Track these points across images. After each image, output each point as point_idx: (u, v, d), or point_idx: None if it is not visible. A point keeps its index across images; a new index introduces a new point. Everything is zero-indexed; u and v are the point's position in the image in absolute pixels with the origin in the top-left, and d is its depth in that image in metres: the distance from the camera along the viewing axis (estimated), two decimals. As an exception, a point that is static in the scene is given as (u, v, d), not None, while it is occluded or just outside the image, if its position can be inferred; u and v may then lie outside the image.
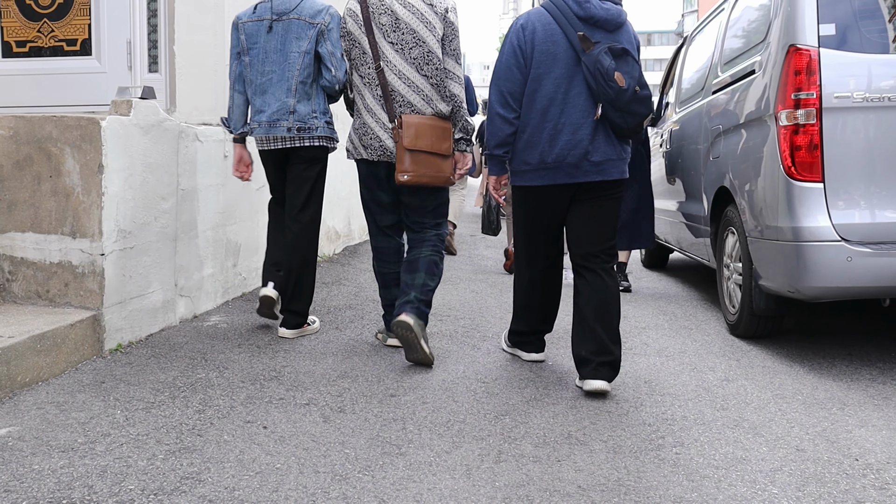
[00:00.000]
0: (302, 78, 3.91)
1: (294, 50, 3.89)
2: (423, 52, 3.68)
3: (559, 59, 3.40)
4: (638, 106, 3.37)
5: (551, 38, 3.41)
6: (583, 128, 3.40)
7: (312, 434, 2.87)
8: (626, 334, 4.65)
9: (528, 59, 3.44)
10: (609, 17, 3.41)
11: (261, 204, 5.22)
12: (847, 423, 3.22)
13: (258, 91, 3.97)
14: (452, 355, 4.00)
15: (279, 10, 3.93)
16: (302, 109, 3.91)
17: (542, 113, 3.44)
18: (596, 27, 3.41)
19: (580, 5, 3.40)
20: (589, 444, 2.90)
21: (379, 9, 3.69)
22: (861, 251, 3.77)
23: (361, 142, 3.78)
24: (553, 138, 3.42)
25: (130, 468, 2.52)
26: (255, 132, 4.00)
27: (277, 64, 3.91)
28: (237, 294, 4.92)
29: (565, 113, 3.41)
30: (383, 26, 3.69)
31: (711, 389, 3.61)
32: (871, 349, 4.37)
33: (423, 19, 3.68)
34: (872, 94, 3.80)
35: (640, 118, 3.41)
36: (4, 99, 4.89)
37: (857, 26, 3.89)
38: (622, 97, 3.32)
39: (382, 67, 3.68)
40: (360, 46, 3.73)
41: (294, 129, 3.91)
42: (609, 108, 3.36)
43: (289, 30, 3.90)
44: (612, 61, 3.31)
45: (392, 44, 3.68)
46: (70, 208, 3.62)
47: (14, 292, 3.73)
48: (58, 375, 3.34)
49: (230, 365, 3.63)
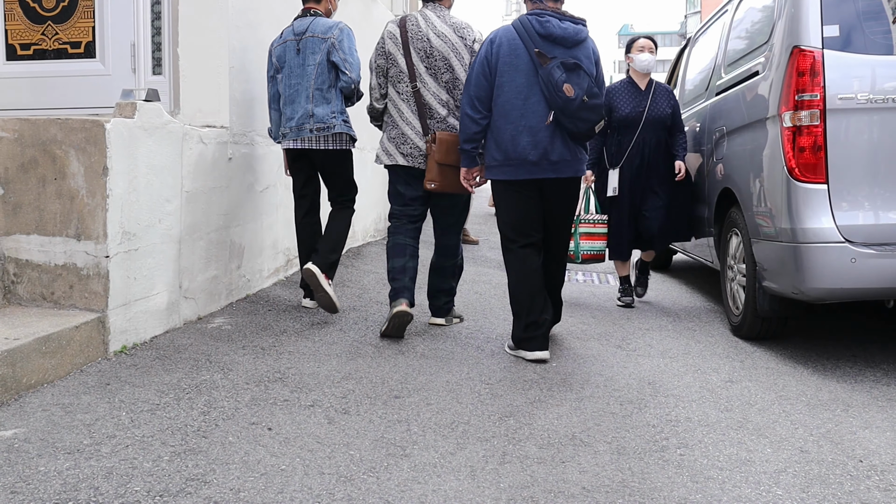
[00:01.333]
0: (318, 85, 4.41)
1: (310, 63, 4.42)
2: (451, 77, 4.27)
3: (520, 71, 3.89)
4: (587, 113, 3.82)
5: (514, 52, 3.90)
6: (542, 131, 3.88)
7: (317, 435, 2.88)
8: (629, 336, 4.66)
9: (494, 69, 3.92)
10: (566, 35, 3.88)
11: (264, 206, 5.23)
12: (851, 424, 3.22)
13: (287, 102, 4.52)
14: (456, 357, 4.00)
15: (298, 31, 4.51)
16: (320, 112, 4.41)
17: (505, 116, 3.92)
18: (555, 43, 3.87)
19: (541, 24, 3.87)
20: (593, 446, 2.90)
21: (416, 35, 4.26)
22: (865, 252, 3.77)
23: (399, 150, 4.32)
24: (514, 139, 3.91)
25: (136, 470, 2.53)
26: (286, 137, 4.53)
27: (299, 77, 4.46)
28: (241, 296, 4.93)
29: (525, 117, 3.89)
30: (420, 51, 4.26)
31: (715, 391, 3.61)
32: (875, 350, 4.37)
33: (453, 49, 4.26)
34: (876, 96, 3.80)
35: (589, 124, 3.86)
36: (8, 101, 4.90)
37: (860, 28, 3.89)
38: (570, 105, 3.79)
39: (418, 87, 4.27)
40: (398, 66, 4.30)
41: (315, 130, 4.41)
42: (560, 114, 3.84)
43: (307, 46, 4.45)
44: (562, 74, 3.78)
45: (427, 67, 4.26)
46: (75, 210, 3.63)
47: (19, 294, 3.74)
48: (63, 377, 3.34)
49: (234, 367, 3.63)
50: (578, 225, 5.40)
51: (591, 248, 5.45)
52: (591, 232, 5.44)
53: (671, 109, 5.44)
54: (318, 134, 4.41)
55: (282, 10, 5.46)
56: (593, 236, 5.45)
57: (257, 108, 5.09)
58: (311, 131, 4.40)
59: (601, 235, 5.47)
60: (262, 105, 5.16)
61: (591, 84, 3.83)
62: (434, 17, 4.31)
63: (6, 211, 3.72)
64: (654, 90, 5.45)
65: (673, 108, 5.45)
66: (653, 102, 5.40)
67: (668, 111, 5.42)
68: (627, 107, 5.39)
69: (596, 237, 5.47)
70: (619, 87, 5.53)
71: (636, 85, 5.48)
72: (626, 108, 5.39)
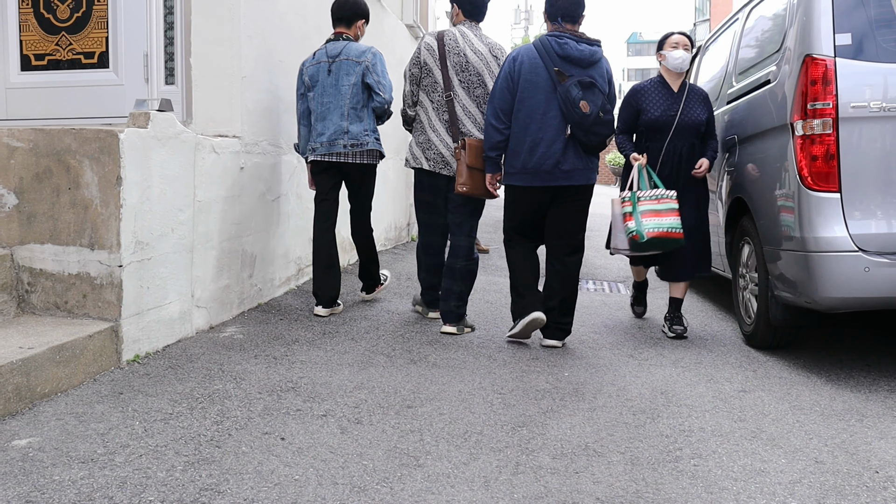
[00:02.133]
0: (352, 104, 4.76)
1: (345, 84, 4.76)
2: (483, 92, 4.61)
3: (539, 87, 4.24)
4: (600, 128, 4.21)
5: (535, 70, 4.25)
6: (556, 143, 4.24)
7: (330, 445, 2.88)
8: (641, 345, 4.64)
9: (516, 84, 4.28)
10: (582, 56, 4.25)
11: (276, 215, 5.25)
12: (866, 434, 3.20)
13: (319, 118, 4.81)
14: (468, 366, 4.00)
15: (332, 54, 4.83)
16: (354, 129, 4.76)
17: (524, 128, 4.27)
18: (572, 64, 4.24)
19: (560, 46, 4.24)
20: (606, 456, 2.89)
21: (454, 49, 4.58)
22: (879, 261, 3.75)
23: (424, 155, 4.67)
24: (532, 149, 4.26)
25: (150, 479, 2.53)
26: (316, 150, 4.80)
27: (332, 96, 4.77)
28: (253, 305, 4.94)
29: (542, 130, 4.24)
30: (456, 65, 4.58)
31: (728, 400, 3.60)
32: (889, 360, 4.34)
33: (487, 66, 4.61)
34: (889, 104, 3.79)
35: (601, 137, 4.26)
36: (23, 111, 4.93)
37: (873, 36, 3.88)
38: (586, 120, 4.17)
39: (451, 98, 4.58)
40: (433, 76, 4.61)
41: (349, 146, 4.76)
42: (576, 128, 4.20)
43: (340, 68, 4.78)
44: (579, 92, 4.17)
45: (461, 81, 4.59)
46: (88, 220, 3.65)
47: (33, 303, 3.76)
48: (76, 386, 3.36)
49: (247, 376, 3.64)
50: (637, 203, 4.60)
51: (657, 226, 4.54)
52: (655, 209, 4.59)
53: (706, 115, 4.84)
54: (353, 150, 4.77)
55: (293, 20, 5.49)
56: (659, 213, 4.58)
57: (269, 117, 5.12)
58: (344, 146, 4.75)
59: (670, 211, 4.59)
60: (274, 114, 5.19)
61: (605, 101, 4.23)
62: (471, 35, 4.64)
63: (21, 220, 3.74)
64: (687, 92, 4.84)
65: (708, 114, 4.86)
66: (686, 106, 4.80)
67: (703, 116, 4.81)
68: (657, 109, 4.78)
69: (663, 213, 4.57)
70: (649, 88, 4.90)
71: (668, 86, 4.87)
72: (655, 110, 4.78)
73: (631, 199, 4.62)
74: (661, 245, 4.61)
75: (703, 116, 4.82)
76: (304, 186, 5.73)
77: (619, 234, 4.72)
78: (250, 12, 4.78)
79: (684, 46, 4.86)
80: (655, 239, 4.56)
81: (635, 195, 4.62)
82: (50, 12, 4.89)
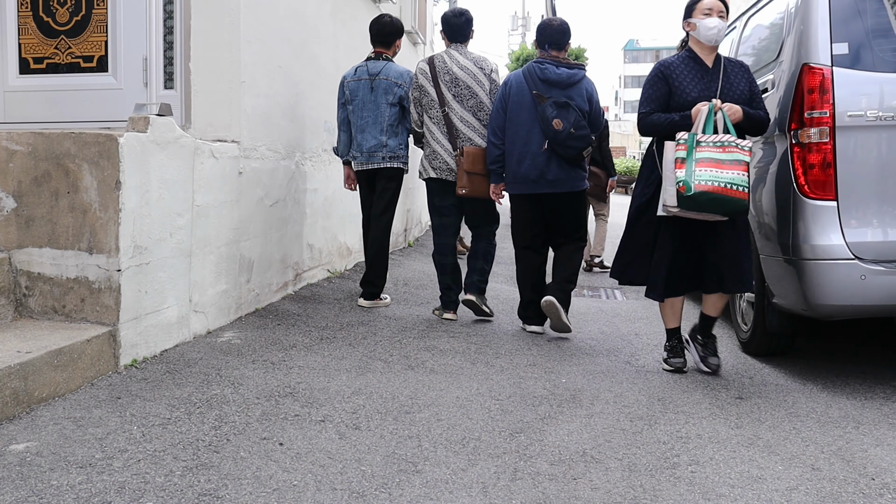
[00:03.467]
0: (390, 122, 5.36)
1: (383, 102, 5.35)
2: (476, 102, 5.11)
3: (525, 107, 4.82)
4: (574, 142, 4.70)
5: (521, 92, 4.84)
6: (539, 156, 4.78)
7: (328, 451, 2.88)
8: (638, 351, 4.66)
9: (507, 105, 4.89)
10: (560, 79, 4.79)
11: (274, 220, 5.26)
12: (862, 441, 3.21)
13: (358, 130, 5.40)
14: (466, 372, 4.01)
15: (373, 72, 5.39)
16: (391, 143, 5.38)
17: (513, 144, 4.86)
18: (552, 85, 4.79)
19: (541, 71, 4.81)
20: (604, 462, 2.90)
21: (442, 69, 5.14)
22: (875, 269, 3.77)
23: (431, 165, 5.18)
24: (520, 161, 4.84)
25: (148, 484, 2.53)
26: (357, 159, 5.43)
27: (372, 112, 5.35)
28: (250, 310, 4.94)
29: (528, 144, 4.81)
30: (447, 82, 5.12)
31: (725, 407, 3.61)
32: (885, 367, 4.36)
33: (475, 78, 5.12)
34: (885, 113, 3.81)
35: (576, 150, 4.73)
36: (22, 115, 4.93)
37: (869, 45, 3.90)
38: (559, 136, 4.68)
39: (447, 112, 5.11)
40: (429, 95, 5.16)
41: (387, 158, 5.37)
42: (552, 143, 4.73)
43: (379, 87, 5.35)
44: (553, 111, 4.69)
45: (454, 95, 5.11)
46: (87, 224, 3.65)
47: (31, 307, 3.76)
48: (74, 391, 3.35)
49: (245, 381, 3.64)
50: (695, 148, 3.80)
51: (713, 178, 3.72)
52: (716, 158, 3.76)
53: (748, 87, 4.08)
54: (391, 161, 5.38)
55: (292, 26, 5.51)
56: (721, 163, 3.75)
57: (268, 122, 5.13)
58: (382, 158, 5.37)
59: (736, 164, 3.75)
60: (273, 119, 5.20)
61: (579, 118, 4.70)
62: (456, 54, 5.19)
63: (19, 224, 3.74)
64: (724, 67, 4.10)
65: (750, 85, 4.09)
66: (726, 82, 4.05)
67: (745, 90, 4.05)
68: (694, 89, 4.02)
69: (725, 165, 3.74)
70: (678, 65, 4.12)
71: (700, 61, 4.10)
72: (692, 90, 4.02)
73: (688, 141, 3.83)
74: (713, 205, 3.77)
75: (745, 90, 4.06)
76: (301, 192, 5.75)
77: (668, 187, 3.89)
78: (250, 17, 4.79)
79: (719, 13, 4.06)
80: (706, 195, 3.73)
81: (694, 137, 3.83)
82: (49, 16, 4.90)
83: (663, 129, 4.03)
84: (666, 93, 4.08)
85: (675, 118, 4.00)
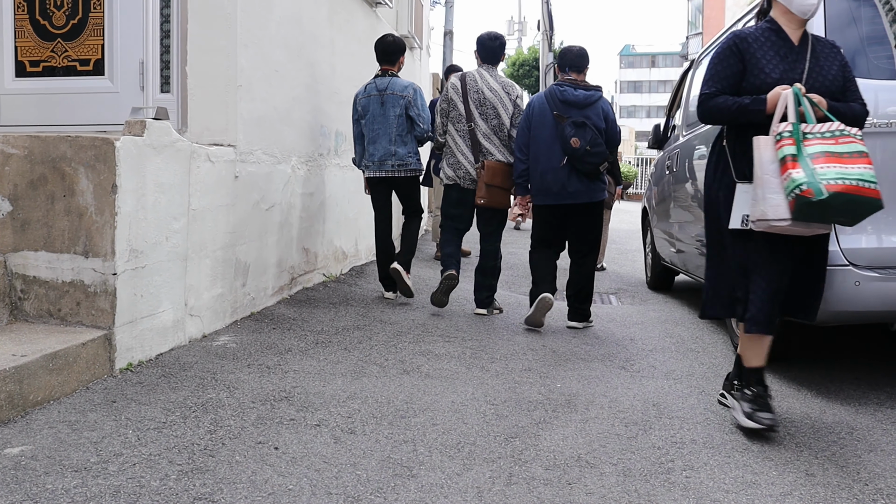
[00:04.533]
0: (398, 132, 5.79)
1: (391, 114, 5.79)
2: (498, 122, 5.60)
3: (546, 127, 5.29)
4: (590, 157, 5.16)
5: (543, 113, 5.32)
6: (560, 170, 5.23)
7: (324, 455, 2.88)
8: (633, 357, 4.66)
9: (530, 125, 5.36)
10: (577, 101, 5.27)
11: (269, 224, 5.26)
12: (856, 447, 3.22)
13: (370, 142, 5.85)
14: (461, 377, 4.01)
15: (380, 88, 5.84)
16: (400, 151, 5.81)
17: (537, 160, 5.32)
18: (570, 106, 5.27)
19: (561, 93, 5.30)
20: (599, 467, 2.91)
21: (473, 87, 5.63)
22: (869, 276, 3.78)
23: (456, 174, 5.68)
24: (543, 175, 5.29)
25: (143, 488, 2.53)
26: (369, 168, 5.87)
27: (381, 124, 5.80)
28: (245, 314, 4.94)
29: (549, 160, 5.26)
30: (475, 100, 5.61)
31: (720, 413, 3.61)
32: (878, 373, 4.37)
33: (501, 101, 5.61)
34: (880, 120, 3.83)
35: (592, 165, 5.19)
36: (17, 118, 4.93)
37: (864, 52, 3.92)
38: (576, 152, 5.15)
39: (473, 127, 5.59)
40: (458, 109, 5.65)
41: (396, 165, 5.82)
42: (571, 158, 5.19)
43: (388, 101, 5.80)
44: (571, 130, 5.15)
45: (480, 113, 5.60)
46: (83, 228, 3.65)
47: (26, 311, 3.75)
48: (69, 394, 3.35)
49: (240, 385, 3.64)
50: (803, 142, 3.11)
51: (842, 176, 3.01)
52: (832, 151, 3.08)
53: (841, 72, 3.40)
54: (399, 168, 5.82)
55: (289, 30, 5.52)
56: (841, 157, 3.07)
57: (264, 126, 5.13)
58: (392, 166, 5.82)
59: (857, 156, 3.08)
60: (269, 124, 5.20)
61: (596, 136, 5.15)
62: (487, 76, 5.68)
63: (14, 227, 3.74)
64: (812, 45, 3.40)
65: (843, 70, 3.41)
66: (815, 64, 3.36)
67: (838, 76, 3.39)
68: (776, 69, 3.32)
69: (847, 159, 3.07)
70: (758, 37, 3.40)
71: (785, 36, 3.39)
72: (773, 70, 3.32)
73: (793, 134, 3.11)
74: (847, 209, 3.08)
75: (839, 74, 3.39)
76: (297, 196, 5.76)
77: (768, 196, 3.13)
78: (246, 21, 4.80)
79: None
80: (841, 197, 3.00)
81: (799, 128, 3.13)
82: (46, 19, 4.90)
83: (731, 115, 3.37)
84: (738, 71, 3.38)
85: (745, 102, 3.31)
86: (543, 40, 14.88)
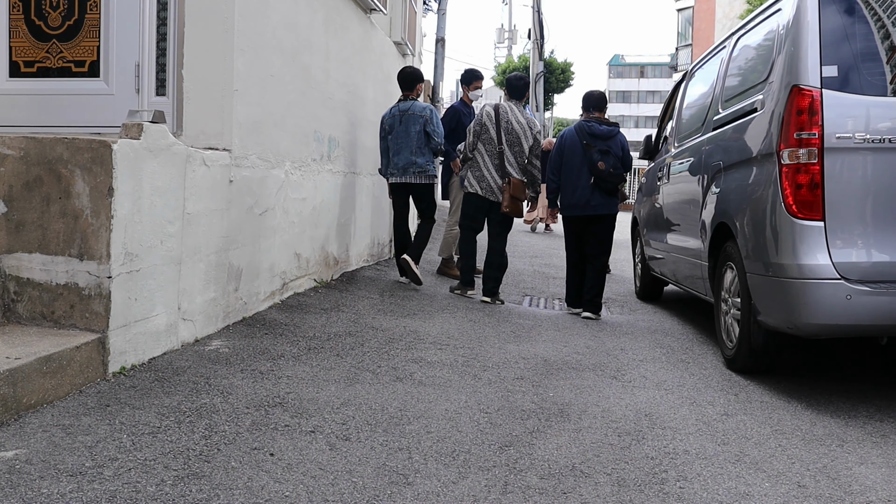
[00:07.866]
0: (418, 145, 6.94)
1: (412, 131, 6.95)
2: (520, 150, 6.78)
3: (576, 154, 6.53)
4: (612, 178, 6.42)
5: (574, 143, 6.58)
6: (587, 188, 6.46)
7: (319, 462, 2.88)
8: (624, 367, 4.68)
9: (562, 153, 6.64)
10: (602, 134, 6.51)
11: (263, 229, 5.25)
12: (847, 459, 3.25)
13: (395, 153, 7.01)
14: (454, 384, 4.02)
15: (403, 110, 7.02)
16: (420, 161, 6.95)
17: (568, 179, 6.57)
18: (596, 138, 6.49)
19: (590, 128, 6.52)
20: (593, 477, 2.92)
21: (504, 117, 6.76)
22: (860, 289, 3.82)
23: (480, 185, 6.78)
24: (573, 192, 6.53)
25: (140, 494, 2.52)
26: (394, 175, 7.02)
27: (403, 139, 6.96)
28: (238, 318, 4.93)
29: (578, 179, 6.49)
30: (505, 129, 6.73)
31: (711, 423, 3.64)
32: (868, 386, 4.41)
33: (524, 133, 6.78)
34: (872, 136, 3.87)
35: (613, 184, 6.44)
36: (11, 118, 4.90)
37: (857, 68, 3.97)
38: (602, 174, 6.39)
39: (502, 150, 6.71)
40: (489, 133, 6.75)
41: (416, 173, 6.96)
42: (597, 179, 6.40)
43: (409, 120, 6.96)
44: (598, 156, 6.40)
45: (507, 140, 6.73)
46: (78, 230, 3.63)
47: (19, 313, 3.73)
48: (62, 398, 3.33)
49: (234, 390, 3.63)
50: None
51: None
52: None
53: None
54: (419, 176, 6.97)
55: (285, 36, 5.51)
56: None
57: (259, 131, 5.12)
58: (413, 173, 6.95)
59: None
60: (264, 128, 5.20)
61: (616, 162, 6.43)
62: (516, 110, 6.84)
63: (9, 229, 3.72)
64: None
65: None
66: None
67: None
68: None
69: None
70: None
71: None
72: None
73: None
74: None
75: None
76: (290, 201, 5.74)
77: None
78: (244, 26, 4.79)
79: None
80: None
81: None
82: (41, 19, 4.88)
83: None
84: None
85: None
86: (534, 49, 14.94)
